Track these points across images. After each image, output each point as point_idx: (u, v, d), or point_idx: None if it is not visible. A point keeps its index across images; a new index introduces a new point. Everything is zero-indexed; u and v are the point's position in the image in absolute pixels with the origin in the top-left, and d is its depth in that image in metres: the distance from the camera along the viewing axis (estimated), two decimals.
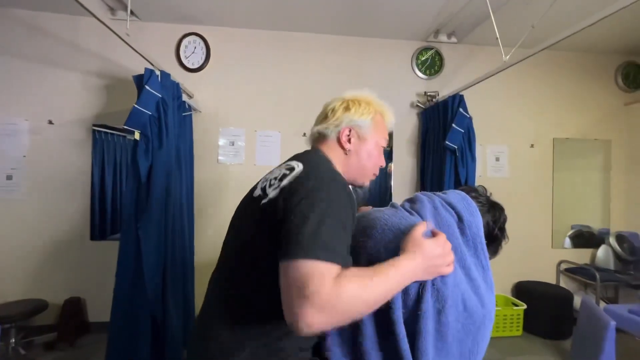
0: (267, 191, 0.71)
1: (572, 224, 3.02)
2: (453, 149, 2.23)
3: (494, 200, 0.92)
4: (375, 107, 0.88)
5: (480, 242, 0.78)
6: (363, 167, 0.85)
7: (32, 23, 2.44)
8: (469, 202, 0.82)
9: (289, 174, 0.70)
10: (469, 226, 0.78)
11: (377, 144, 0.87)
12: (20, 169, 2.42)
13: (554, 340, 2.49)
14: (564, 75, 2.97)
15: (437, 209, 0.80)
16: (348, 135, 0.84)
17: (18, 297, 2.33)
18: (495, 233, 0.87)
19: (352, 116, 0.84)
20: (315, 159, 0.78)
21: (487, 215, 0.86)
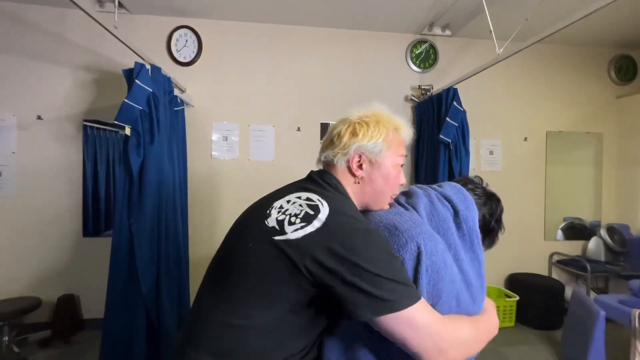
0: (285, 228, 0.65)
1: (564, 217, 3.05)
2: (447, 142, 2.23)
3: (491, 191, 0.91)
4: (387, 125, 0.80)
5: (477, 237, 0.78)
6: (380, 192, 0.79)
7: (18, 16, 2.38)
8: (465, 195, 0.81)
9: (314, 217, 0.66)
10: (464, 220, 0.77)
11: (394, 163, 0.80)
12: (9, 165, 2.38)
13: (545, 331, 2.54)
14: (557, 68, 2.98)
15: (433, 202, 0.79)
16: (359, 162, 0.78)
17: (11, 295, 2.30)
18: (492, 225, 0.87)
19: (361, 141, 0.77)
20: (338, 198, 0.74)
21: (483, 207, 0.85)
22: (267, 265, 0.64)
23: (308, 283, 0.63)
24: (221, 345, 0.65)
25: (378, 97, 2.77)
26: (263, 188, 0.94)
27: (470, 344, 0.67)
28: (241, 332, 0.64)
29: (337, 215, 0.67)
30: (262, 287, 0.65)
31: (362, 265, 0.61)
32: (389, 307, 0.60)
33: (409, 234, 0.69)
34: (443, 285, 0.68)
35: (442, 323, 0.64)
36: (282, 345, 0.66)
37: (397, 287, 0.61)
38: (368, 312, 0.61)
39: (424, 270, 0.67)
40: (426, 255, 0.67)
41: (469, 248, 0.77)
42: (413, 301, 0.61)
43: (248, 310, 0.65)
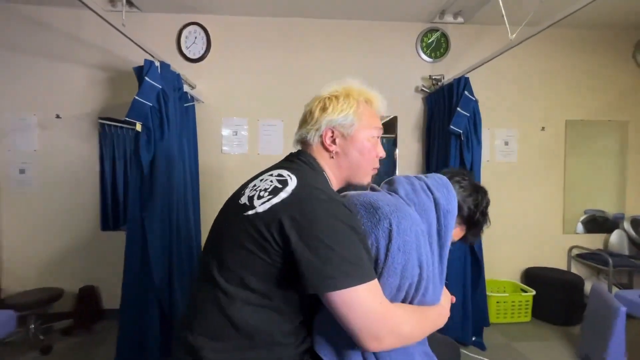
0: (254, 202, 0.68)
1: (585, 209, 2.93)
2: (458, 133, 2.18)
3: (478, 183, 0.90)
4: (357, 97, 0.81)
5: (450, 233, 0.76)
6: (357, 166, 0.80)
7: (36, 18, 2.47)
8: (449, 189, 0.79)
9: (281, 189, 0.67)
10: (444, 214, 0.76)
11: (369, 136, 0.80)
12: (32, 162, 2.49)
13: (563, 327, 2.46)
14: (576, 53, 2.84)
15: (416, 191, 0.78)
16: (332, 137, 0.79)
17: (35, 285, 2.43)
18: (477, 218, 0.86)
19: (331, 116, 0.78)
20: (308, 172, 0.75)
21: (468, 199, 0.85)
22: (241, 241, 0.66)
23: (276, 254, 0.64)
24: (211, 325, 0.67)
25: (388, 89, 2.74)
26: None
27: (409, 336, 0.67)
28: (228, 311, 0.66)
29: (304, 187, 0.68)
30: (240, 263, 0.67)
31: (317, 235, 0.61)
32: (332, 285, 0.60)
33: (383, 211, 0.69)
34: (413, 269, 0.68)
35: (385, 310, 0.63)
36: (271, 323, 0.67)
37: (345, 264, 0.61)
38: (310, 286, 0.61)
39: (395, 249, 0.67)
40: (398, 234, 0.67)
41: (443, 243, 0.76)
42: (359, 281, 0.61)
43: (231, 288, 0.67)
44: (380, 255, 0.68)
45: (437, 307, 0.76)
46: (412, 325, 0.67)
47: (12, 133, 2.47)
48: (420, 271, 0.69)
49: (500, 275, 2.81)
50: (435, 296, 0.75)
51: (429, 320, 0.72)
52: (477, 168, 2.21)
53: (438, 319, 0.76)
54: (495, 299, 2.50)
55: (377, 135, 0.82)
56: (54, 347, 2.15)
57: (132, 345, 1.81)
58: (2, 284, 2.47)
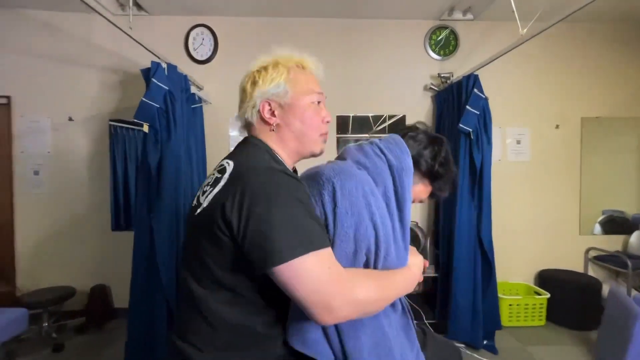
0: (201, 200, 0.68)
1: (603, 209, 2.83)
2: (467, 132, 2.13)
3: (434, 134, 0.85)
4: (286, 63, 0.77)
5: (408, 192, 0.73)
6: (301, 135, 0.76)
7: (50, 23, 2.53)
8: (400, 147, 0.76)
9: (221, 178, 0.66)
10: (398, 174, 0.73)
11: (308, 101, 0.76)
12: (45, 164, 2.56)
13: (579, 331, 2.37)
14: (591, 48, 2.75)
15: (369, 156, 0.75)
16: (270, 109, 0.76)
17: (48, 284, 2.48)
18: (436, 170, 0.81)
19: (262, 87, 0.75)
20: (244, 152, 0.73)
21: (425, 152, 0.81)
22: (198, 240, 0.67)
23: (227, 244, 0.63)
24: (196, 330, 0.68)
25: (396, 87, 2.71)
26: None
27: (366, 301, 0.62)
28: (207, 313, 0.66)
29: (239, 167, 0.67)
30: (204, 262, 0.66)
31: (256, 212, 0.59)
32: (277, 259, 0.57)
33: (326, 176, 0.68)
34: (366, 231, 0.65)
35: (335, 276, 0.60)
36: (250, 318, 0.66)
37: (288, 236, 0.58)
38: (257, 267, 0.60)
39: (343, 212, 0.64)
40: (343, 196, 0.65)
41: (401, 203, 0.72)
42: (304, 251, 0.57)
43: (202, 290, 0.67)
44: (329, 221, 0.65)
45: (402, 269, 0.71)
46: (369, 288, 0.62)
47: (26, 135, 2.54)
48: (375, 233, 0.66)
49: (513, 277, 2.73)
50: (400, 259, 0.71)
51: (392, 283, 0.68)
52: (487, 167, 2.15)
53: (404, 282, 0.71)
54: (508, 302, 2.44)
55: (318, 99, 0.78)
56: (67, 345, 2.19)
57: (141, 344, 1.83)
58: (17, 282, 2.54)
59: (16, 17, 2.50)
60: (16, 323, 1.79)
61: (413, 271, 0.74)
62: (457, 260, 2.16)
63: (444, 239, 2.42)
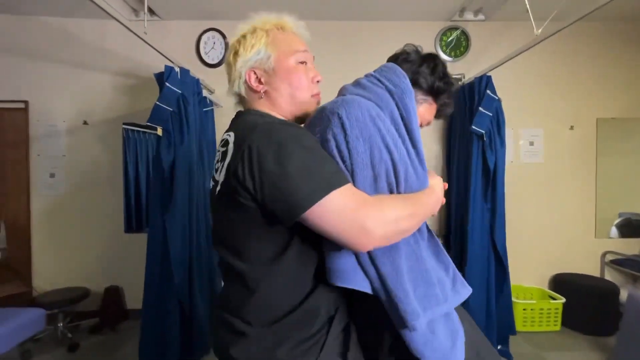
0: (217, 178, 0.69)
1: (620, 212, 2.77)
2: (480, 133, 2.10)
3: (426, 52, 0.84)
4: (264, 27, 0.76)
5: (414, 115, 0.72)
6: (291, 97, 0.75)
7: (65, 30, 2.59)
8: (396, 72, 0.75)
9: (227, 150, 0.66)
10: (400, 100, 0.71)
11: (294, 62, 0.74)
12: (61, 167, 2.61)
13: (596, 337, 2.32)
14: (607, 47, 2.69)
15: (367, 88, 0.74)
16: (257, 78, 0.74)
17: (64, 285, 2.53)
18: (437, 85, 0.79)
19: (245, 56, 0.73)
20: (242, 121, 0.73)
21: (421, 69, 0.79)
22: (226, 214, 0.68)
23: (253, 208, 0.63)
24: (234, 298, 0.70)
25: None
26: None
27: (399, 220, 0.62)
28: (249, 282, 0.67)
29: (241, 133, 0.66)
30: (237, 231, 0.68)
31: (267, 169, 0.59)
32: (300, 208, 0.58)
33: (330, 110, 0.67)
34: (381, 153, 0.64)
35: (362, 200, 0.60)
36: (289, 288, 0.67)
37: (305, 182, 0.58)
38: (286, 220, 0.60)
39: (354, 139, 0.64)
40: (351, 124, 0.64)
41: (409, 126, 0.71)
42: (326, 190, 0.58)
43: (242, 260, 0.68)
44: (344, 152, 0.65)
45: (425, 190, 0.71)
46: (396, 207, 0.62)
47: (42, 139, 2.60)
48: (390, 155, 0.65)
49: (527, 281, 2.68)
50: (421, 180, 0.70)
51: (419, 201, 0.67)
52: (500, 169, 2.12)
53: (429, 201, 0.70)
54: (522, 306, 2.39)
55: (304, 59, 0.76)
56: (81, 345, 2.23)
57: (154, 344, 1.84)
58: (33, 283, 2.59)
59: (33, 25, 2.57)
60: (33, 323, 1.83)
61: (436, 191, 0.73)
62: (470, 263, 2.13)
63: (456, 241, 2.39)
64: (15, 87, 2.58)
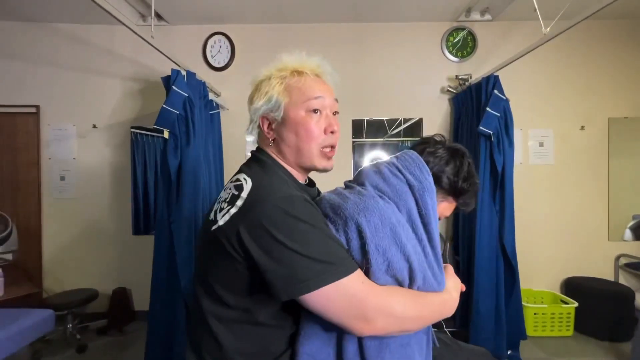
0: (217, 217, 0.66)
1: (634, 214, 2.69)
2: (488, 134, 2.07)
3: (454, 146, 0.81)
4: (280, 73, 0.74)
5: (434, 214, 0.70)
6: (297, 149, 0.72)
7: (74, 35, 2.65)
8: (420, 166, 0.73)
9: (238, 197, 0.64)
10: (420, 196, 0.70)
11: (306, 110, 0.71)
12: (71, 170, 2.65)
13: (610, 343, 2.25)
14: (617, 46, 2.64)
15: (386, 178, 0.72)
16: (268, 124, 0.75)
17: (73, 286, 2.56)
18: (461, 186, 0.77)
19: (257, 104, 0.74)
20: (262, 171, 0.72)
21: (446, 168, 0.77)
22: (212, 257, 0.66)
23: (243, 267, 0.62)
24: (200, 339, 0.69)
25: (412, 91, 2.68)
26: None
27: (403, 318, 0.61)
28: (217, 334, 0.66)
29: (257, 189, 0.65)
30: (215, 279, 0.66)
31: (277, 240, 0.58)
32: (305, 288, 0.57)
33: (349, 212, 0.65)
34: (399, 264, 0.63)
35: (370, 289, 0.59)
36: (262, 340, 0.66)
37: (314, 264, 0.58)
38: (284, 294, 0.58)
39: (374, 250, 0.63)
40: (371, 233, 0.63)
41: (428, 225, 0.69)
42: (334, 278, 0.58)
43: (214, 308, 0.66)
44: (356, 257, 0.64)
45: (441, 293, 0.69)
46: (406, 304, 0.61)
47: (53, 143, 2.65)
48: (409, 264, 0.64)
49: (538, 284, 2.63)
50: (438, 282, 0.68)
51: (429, 304, 0.65)
52: (509, 170, 2.09)
53: (442, 306, 0.68)
54: (533, 310, 2.34)
55: (318, 106, 0.72)
56: (89, 346, 2.25)
57: (161, 347, 1.85)
58: (44, 284, 2.63)
59: (44, 31, 2.63)
60: (43, 324, 1.85)
61: (452, 294, 0.71)
62: (479, 266, 2.09)
63: (464, 244, 2.36)
64: (27, 92, 2.63)
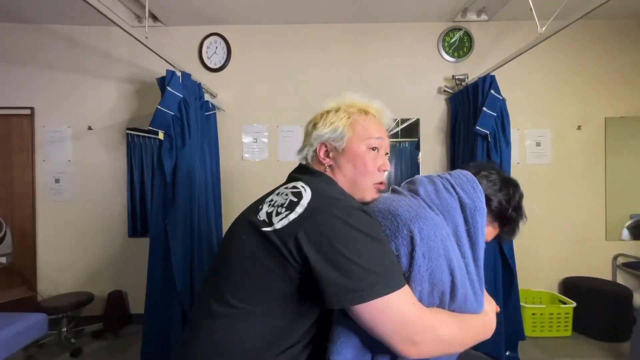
0: (272, 219, 0.66)
1: (631, 214, 2.69)
2: (484, 134, 2.07)
3: (508, 176, 0.83)
4: (349, 109, 0.80)
5: (482, 234, 0.70)
6: (352, 180, 0.77)
7: (69, 36, 2.63)
8: (474, 186, 0.73)
9: (297, 203, 0.65)
10: (470, 214, 0.70)
11: (366, 147, 0.76)
12: (66, 172, 2.63)
13: (609, 342, 2.25)
14: (614, 45, 2.64)
15: (438, 190, 0.73)
16: (326, 151, 0.79)
17: (68, 289, 2.54)
18: (510, 214, 0.78)
19: (321, 131, 0.79)
20: (321, 182, 0.74)
21: (499, 194, 0.78)
22: (258, 257, 0.65)
23: (294, 271, 0.62)
24: (213, 340, 0.66)
25: (409, 91, 2.68)
26: None
27: (449, 343, 0.62)
28: (230, 324, 0.64)
29: (319, 198, 0.66)
30: (253, 279, 0.65)
31: (337, 248, 0.59)
32: (359, 298, 0.58)
33: (402, 218, 0.65)
34: (441, 275, 0.63)
35: (420, 312, 0.60)
36: (270, 342, 0.65)
37: (369, 275, 0.58)
38: (336, 301, 0.59)
39: (420, 256, 0.62)
40: (421, 241, 0.63)
41: (475, 245, 0.69)
42: (387, 290, 0.58)
43: (238, 303, 0.65)
44: (403, 263, 0.64)
45: (480, 315, 0.69)
46: (452, 329, 0.62)
47: (48, 145, 2.63)
48: (452, 278, 0.64)
49: (536, 285, 2.62)
50: (478, 303, 0.68)
51: (472, 327, 0.66)
52: (506, 170, 2.08)
53: (482, 329, 0.69)
54: (531, 311, 2.33)
55: (376, 145, 0.78)
56: (84, 350, 2.22)
57: (157, 350, 1.83)
58: (38, 287, 2.60)
59: (39, 32, 2.61)
60: (36, 328, 1.83)
61: (490, 316, 0.72)
62: None
63: None
64: (22, 94, 2.62)
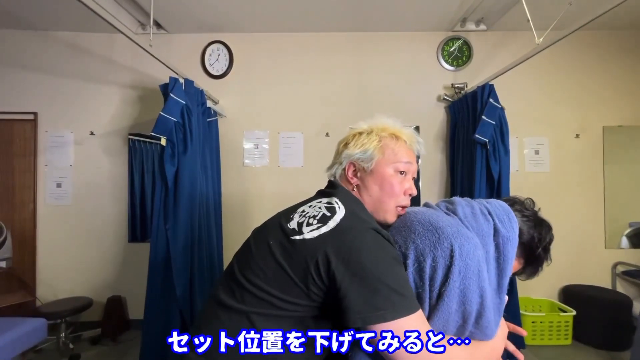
0: (303, 229, 0.68)
1: (630, 222, 2.70)
2: (483, 142, 2.09)
3: (542, 216, 0.82)
4: (380, 132, 0.81)
5: (510, 265, 0.71)
6: (378, 200, 0.78)
7: (73, 43, 2.67)
8: (510, 217, 0.74)
9: (330, 218, 0.67)
10: (503, 242, 0.70)
11: (393, 170, 0.78)
12: (68, 177, 2.64)
13: (609, 351, 2.24)
14: (612, 55, 2.68)
15: (475, 214, 0.74)
16: (354, 170, 0.81)
17: (67, 295, 2.53)
18: (538, 252, 0.78)
19: (352, 150, 0.81)
20: (353, 201, 0.76)
21: (532, 230, 0.78)
22: (283, 264, 0.66)
23: (315, 286, 0.64)
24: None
25: (408, 99, 2.71)
26: (293, 194, 0.95)
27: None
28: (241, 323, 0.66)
29: (352, 217, 0.68)
30: (276, 284, 0.66)
31: (365, 266, 0.61)
32: (382, 317, 0.59)
33: (444, 231, 0.66)
34: (473, 295, 0.64)
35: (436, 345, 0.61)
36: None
37: (393, 295, 0.60)
38: (359, 320, 0.60)
39: (457, 272, 0.63)
40: (461, 257, 0.64)
41: (502, 273, 0.70)
42: (408, 312, 0.60)
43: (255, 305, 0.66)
44: (438, 276, 0.64)
45: (495, 344, 0.71)
46: (463, 357, 0.64)
47: (50, 149, 2.64)
48: (481, 300, 0.65)
49: (535, 293, 2.62)
50: (494, 331, 0.70)
51: (484, 355, 0.69)
52: (505, 178, 2.10)
53: (491, 354, 0.71)
54: (530, 319, 2.33)
55: (404, 169, 0.79)
56: (82, 356, 2.21)
57: (155, 356, 1.82)
58: (38, 292, 2.60)
59: (43, 39, 2.65)
60: (35, 333, 1.82)
61: (499, 343, 0.74)
62: None
63: None
64: (25, 99, 2.64)
